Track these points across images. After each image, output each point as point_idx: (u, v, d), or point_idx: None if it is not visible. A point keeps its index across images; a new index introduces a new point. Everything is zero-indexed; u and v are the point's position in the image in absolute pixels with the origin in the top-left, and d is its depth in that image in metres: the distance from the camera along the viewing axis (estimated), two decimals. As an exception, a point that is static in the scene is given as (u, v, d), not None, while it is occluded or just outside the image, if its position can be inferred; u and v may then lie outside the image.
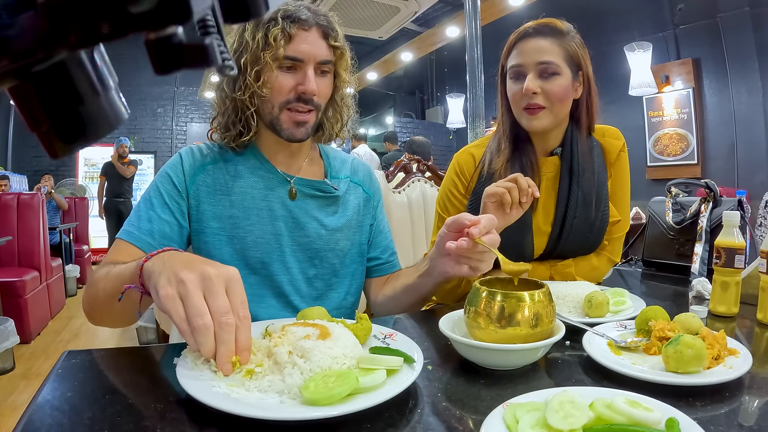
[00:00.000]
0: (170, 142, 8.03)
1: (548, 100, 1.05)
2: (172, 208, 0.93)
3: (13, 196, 3.70)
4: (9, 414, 2.22)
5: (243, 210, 0.95)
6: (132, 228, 0.90)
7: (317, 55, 0.92)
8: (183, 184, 0.94)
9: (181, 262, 0.59)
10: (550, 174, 1.13)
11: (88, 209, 6.35)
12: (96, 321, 0.84)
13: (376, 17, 4.81)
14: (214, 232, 0.94)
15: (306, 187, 0.99)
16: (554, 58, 1.04)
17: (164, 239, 0.90)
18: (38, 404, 0.53)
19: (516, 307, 0.65)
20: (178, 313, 0.55)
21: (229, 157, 0.98)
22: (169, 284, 0.57)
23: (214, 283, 0.56)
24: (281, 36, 0.89)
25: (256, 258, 0.94)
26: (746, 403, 0.56)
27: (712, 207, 1.34)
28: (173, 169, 0.95)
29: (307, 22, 0.91)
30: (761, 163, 4.71)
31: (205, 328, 0.54)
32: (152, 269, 0.62)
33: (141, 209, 0.92)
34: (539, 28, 1.07)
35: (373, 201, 1.10)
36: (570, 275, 1.11)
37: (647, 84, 5.13)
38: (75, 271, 4.96)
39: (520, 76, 1.07)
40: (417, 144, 4.34)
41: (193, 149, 0.99)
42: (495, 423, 0.47)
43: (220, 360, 0.55)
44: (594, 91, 1.12)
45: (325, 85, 0.95)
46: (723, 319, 0.91)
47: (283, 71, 0.92)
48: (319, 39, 0.92)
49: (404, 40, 6.89)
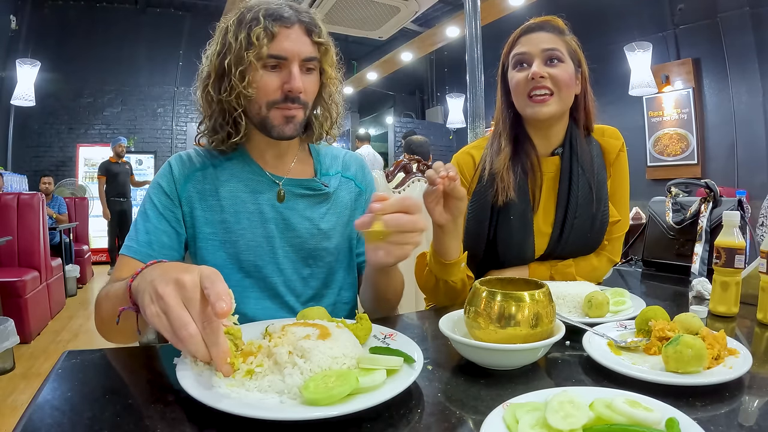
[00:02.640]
0: (170, 142, 8.03)
1: (556, 86, 1.05)
2: (167, 218, 0.94)
3: (13, 196, 3.69)
4: (9, 414, 2.22)
5: (233, 214, 0.95)
6: (132, 242, 0.91)
7: (301, 52, 0.91)
8: (174, 192, 0.95)
9: (158, 276, 0.58)
10: (551, 174, 1.13)
11: (88, 209, 6.35)
12: (108, 339, 0.84)
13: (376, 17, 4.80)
14: (207, 238, 0.94)
15: (295, 187, 0.99)
16: (559, 47, 1.07)
17: (163, 249, 0.91)
18: (38, 404, 0.53)
19: (516, 307, 0.65)
20: (166, 329, 0.55)
21: (218, 162, 0.98)
22: (151, 302, 0.56)
23: (189, 291, 0.55)
24: (264, 35, 0.89)
25: (249, 261, 0.95)
26: (746, 403, 0.56)
27: (712, 207, 1.34)
28: (164, 178, 0.96)
29: (289, 20, 0.91)
30: (761, 163, 4.71)
31: (191, 337, 0.54)
32: (137, 288, 0.62)
33: (138, 222, 0.94)
34: (541, 24, 1.09)
35: (365, 195, 1.09)
36: (570, 275, 1.11)
37: (647, 84, 5.13)
38: (75, 271, 4.96)
39: (525, 64, 1.08)
40: (416, 144, 4.28)
41: (182, 156, 0.99)
42: (495, 423, 0.47)
43: (216, 362, 0.55)
44: (590, 92, 1.13)
45: (311, 82, 0.95)
46: (723, 319, 0.91)
47: (268, 70, 0.91)
48: (302, 36, 0.92)
49: (404, 40, 6.89)
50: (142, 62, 7.71)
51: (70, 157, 7.49)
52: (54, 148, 7.46)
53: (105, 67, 7.46)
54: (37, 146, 7.36)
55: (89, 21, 7.38)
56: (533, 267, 1.13)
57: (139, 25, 7.65)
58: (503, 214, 1.11)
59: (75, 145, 7.50)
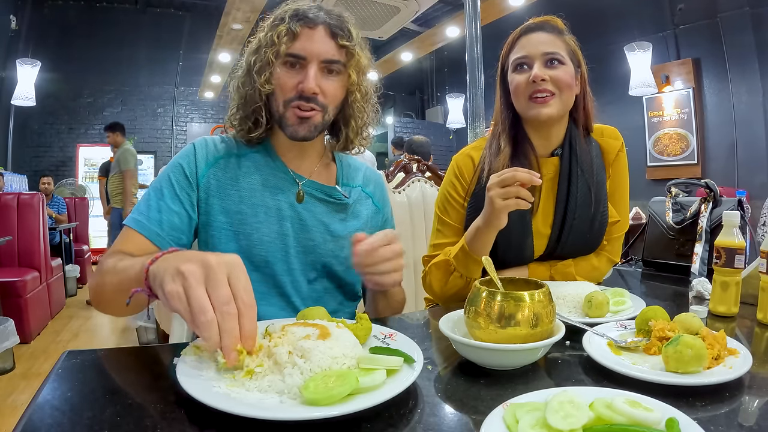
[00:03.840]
0: (170, 142, 8.04)
1: (557, 87, 1.05)
2: (182, 200, 0.92)
3: (13, 196, 3.69)
4: (9, 414, 2.22)
5: (251, 207, 0.94)
6: (141, 217, 0.89)
7: (321, 53, 0.91)
8: (194, 176, 0.94)
9: (183, 257, 0.59)
10: (550, 175, 1.13)
11: (88, 209, 6.34)
12: (101, 309, 0.84)
13: (376, 17, 4.81)
14: (222, 227, 0.93)
15: (316, 190, 0.99)
16: (559, 49, 1.07)
17: (173, 230, 0.90)
18: (38, 404, 0.53)
19: (516, 307, 0.65)
20: (185, 310, 0.55)
21: (242, 152, 0.98)
22: (172, 281, 0.56)
23: (216, 272, 0.56)
24: (285, 33, 0.90)
25: (261, 256, 0.94)
26: (746, 403, 0.56)
27: (712, 207, 1.34)
28: (185, 159, 0.95)
29: (314, 21, 0.91)
30: (761, 163, 4.72)
31: (209, 323, 0.54)
32: (157, 271, 0.62)
33: (151, 198, 0.92)
34: (541, 24, 1.09)
35: (381, 214, 1.10)
36: (570, 275, 1.11)
37: (647, 84, 5.13)
38: (75, 271, 4.97)
39: (525, 66, 1.08)
40: (417, 144, 4.30)
41: (207, 141, 0.99)
42: (495, 423, 0.47)
43: (224, 350, 0.55)
44: (588, 92, 1.13)
45: (332, 85, 0.94)
46: (723, 319, 0.91)
47: (287, 69, 0.92)
48: (325, 37, 0.92)
49: (404, 40, 6.90)
50: (142, 62, 7.71)
51: (70, 157, 7.50)
52: (54, 148, 7.47)
53: (105, 67, 7.47)
54: (37, 146, 7.36)
55: (89, 21, 7.39)
56: (533, 267, 1.13)
57: (139, 25, 7.65)
58: None
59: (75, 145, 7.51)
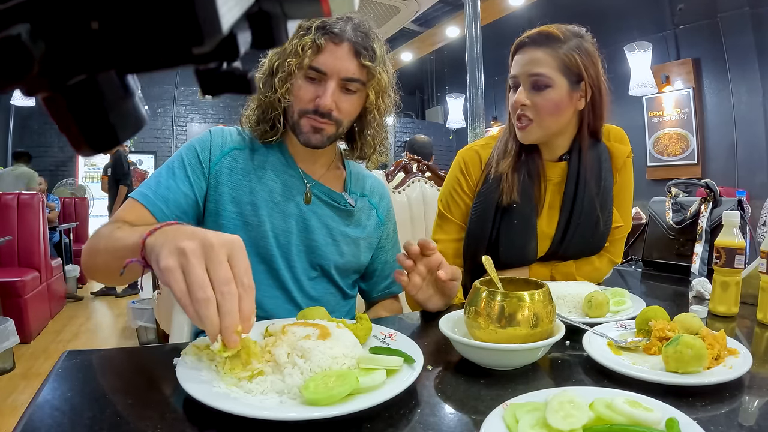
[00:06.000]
0: (170, 142, 8.03)
1: (537, 114, 1.04)
2: (192, 182, 0.93)
3: (13, 196, 3.69)
4: (9, 414, 2.22)
5: (260, 200, 0.96)
6: (148, 191, 0.90)
7: (341, 70, 0.91)
8: (207, 162, 0.95)
9: (183, 233, 0.58)
10: (557, 179, 1.12)
11: (88, 209, 6.34)
12: (91, 275, 0.84)
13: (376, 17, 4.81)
14: (231, 216, 0.94)
15: (323, 194, 1.01)
16: (546, 70, 1.01)
17: (178, 210, 0.91)
18: (38, 404, 0.53)
19: (516, 307, 0.65)
20: (179, 285, 0.54)
21: (257, 147, 1.00)
22: (170, 255, 0.55)
23: (216, 252, 0.54)
24: (310, 46, 0.89)
25: (266, 249, 0.95)
26: (746, 403, 0.56)
27: (712, 207, 1.34)
28: (201, 144, 0.97)
29: (339, 37, 0.90)
30: (761, 163, 4.71)
31: (207, 300, 0.52)
32: (154, 243, 0.60)
33: (162, 175, 0.93)
34: (534, 37, 1.04)
35: (383, 228, 1.10)
36: (571, 275, 1.11)
37: (647, 84, 5.13)
38: (75, 271, 4.96)
39: (516, 87, 1.07)
40: (419, 144, 4.30)
41: (224, 131, 1.00)
42: (495, 423, 0.47)
43: (225, 332, 0.53)
44: (604, 98, 1.07)
45: (349, 103, 0.94)
46: (723, 319, 0.91)
47: (307, 81, 0.92)
48: (348, 54, 0.91)
49: (404, 40, 6.89)
50: (141, 62, 7.70)
51: (70, 157, 7.49)
52: (54, 148, 7.46)
53: (105, 67, 7.45)
54: (37, 146, 7.35)
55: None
56: (534, 267, 1.13)
57: (139, 25, 7.64)
58: (507, 216, 1.10)
59: (75, 146, 7.50)
